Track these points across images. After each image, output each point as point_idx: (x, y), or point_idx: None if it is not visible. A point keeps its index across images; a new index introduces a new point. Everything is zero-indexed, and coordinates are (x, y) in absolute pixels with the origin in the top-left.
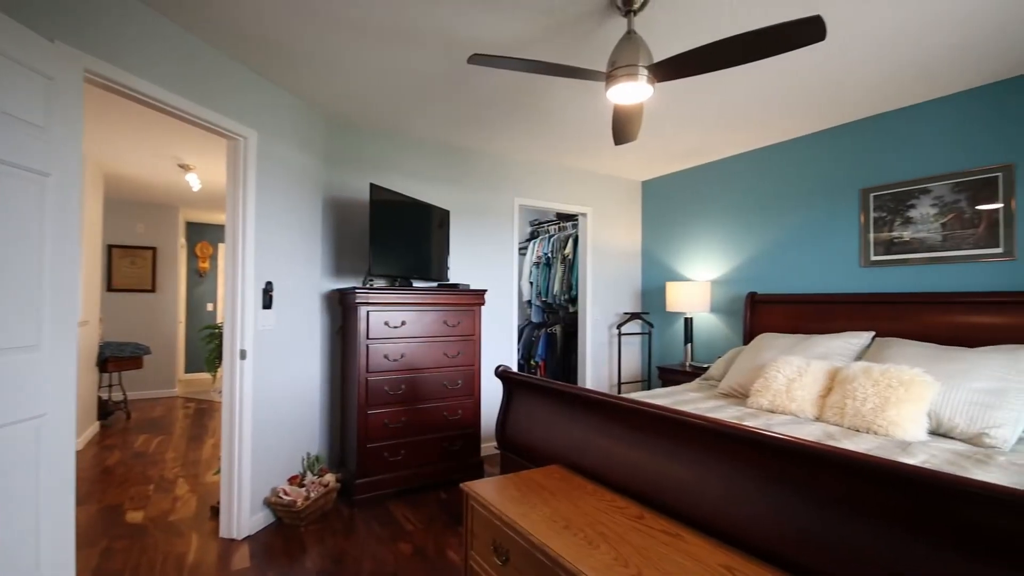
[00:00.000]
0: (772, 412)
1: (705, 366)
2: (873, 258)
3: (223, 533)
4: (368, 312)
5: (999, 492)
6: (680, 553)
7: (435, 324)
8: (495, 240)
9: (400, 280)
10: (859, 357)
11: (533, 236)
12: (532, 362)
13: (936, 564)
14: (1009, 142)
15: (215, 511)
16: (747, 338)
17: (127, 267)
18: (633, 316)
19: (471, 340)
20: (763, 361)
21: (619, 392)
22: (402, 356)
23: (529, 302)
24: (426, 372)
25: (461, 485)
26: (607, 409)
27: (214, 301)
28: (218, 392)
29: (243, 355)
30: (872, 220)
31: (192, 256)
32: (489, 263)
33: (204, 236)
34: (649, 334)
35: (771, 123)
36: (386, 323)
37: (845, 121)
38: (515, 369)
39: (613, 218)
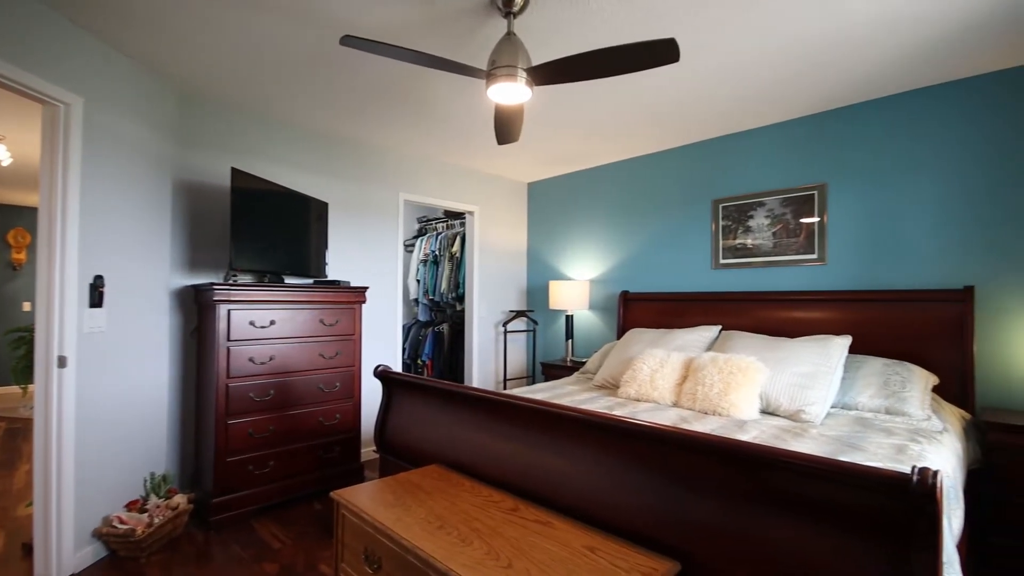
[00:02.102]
0: (638, 400)
1: (583, 360)
2: (722, 261)
3: (38, 574)
4: (229, 311)
5: (803, 459)
6: (549, 540)
7: (310, 323)
8: (379, 236)
9: (270, 276)
10: (709, 348)
11: (421, 233)
12: (419, 361)
13: (763, 522)
14: (824, 165)
15: (28, 549)
16: (620, 333)
17: None
18: (519, 314)
19: (351, 340)
20: (631, 354)
21: (504, 388)
22: (271, 359)
23: (416, 300)
24: (299, 375)
25: (332, 494)
26: (484, 405)
27: (34, 299)
28: (31, 408)
29: (62, 362)
30: (721, 228)
31: (3, 245)
32: (373, 260)
33: (20, 221)
34: (534, 331)
35: (640, 136)
36: (251, 323)
37: (702, 138)
38: (399, 369)
39: (500, 217)
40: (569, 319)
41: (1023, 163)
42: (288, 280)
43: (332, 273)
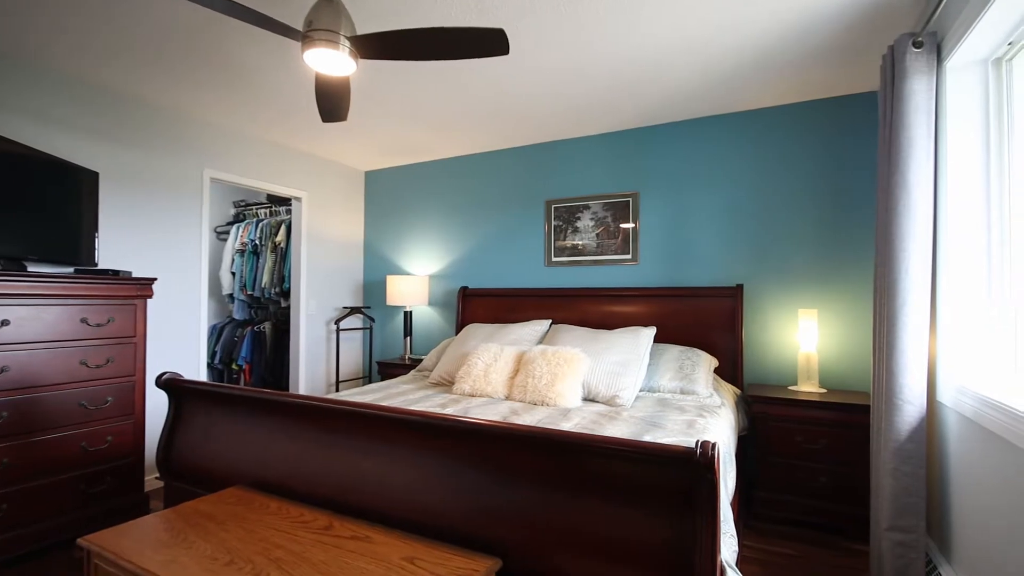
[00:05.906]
0: (473, 396)
1: (422, 358)
2: (554, 259)
3: None
4: None
5: (607, 442)
6: (366, 558)
7: (67, 324)
8: (177, 219)
9: (4, 262)
10: (541, 341)
11: (238, 219)
12: (235, 366)
13: (580, 505)
14: (637, 176)
15: None
16: (458, 329)
17: None
18: (354, 311)
19: (130, 343)
20: (468, 349)
21: (337, 391)
22: (3, 370)
23: (231, 296)
24: (50, 390)
25: (79, 540)
26: (297, 412)
27: None
28: None
29: None
30: (554, 228)
31: None
32: (168, 247)
33: None
34: (370, 329)
35: (480, 133)
36: None
37: (538, 141)
38: (205, 376)
39: (333, 206)
40: (408, 315)
41: (777, 185)
42: (34, 268)
43: (108, 261)
